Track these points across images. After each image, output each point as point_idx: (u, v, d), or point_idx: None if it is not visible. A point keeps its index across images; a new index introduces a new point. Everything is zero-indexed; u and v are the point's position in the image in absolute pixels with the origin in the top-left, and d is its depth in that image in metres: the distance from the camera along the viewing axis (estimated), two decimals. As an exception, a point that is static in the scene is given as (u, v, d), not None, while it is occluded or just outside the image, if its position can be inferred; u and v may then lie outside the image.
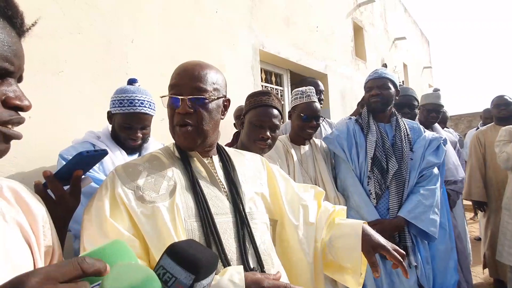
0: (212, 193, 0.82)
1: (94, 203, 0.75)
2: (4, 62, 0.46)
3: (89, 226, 0.72)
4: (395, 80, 1.77)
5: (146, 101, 1.39)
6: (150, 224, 0.72)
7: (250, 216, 0.84)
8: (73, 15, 1.69)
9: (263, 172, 1.00)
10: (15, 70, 0.48)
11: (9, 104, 0.47)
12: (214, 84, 0.84)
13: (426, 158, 1.69)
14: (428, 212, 1.58)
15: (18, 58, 0.49)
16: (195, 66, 0.84)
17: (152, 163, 0.84)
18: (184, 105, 0.79)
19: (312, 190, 1.08)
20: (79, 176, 0.72)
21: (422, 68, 9.38)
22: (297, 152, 1.66)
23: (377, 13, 6.25)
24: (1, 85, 0.47)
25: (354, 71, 5.11)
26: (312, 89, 1.67)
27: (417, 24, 9.22)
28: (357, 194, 1.64)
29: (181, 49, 2.33)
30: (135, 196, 0.75)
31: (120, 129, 1.38)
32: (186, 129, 0.81)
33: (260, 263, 0.79)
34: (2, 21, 0.47)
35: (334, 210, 1.01)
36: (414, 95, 2.38)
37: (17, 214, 0.54)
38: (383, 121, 1.79)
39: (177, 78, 0.83)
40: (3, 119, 0.46)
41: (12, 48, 0.47)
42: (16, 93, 0.48)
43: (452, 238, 1.80)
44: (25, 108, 0.49)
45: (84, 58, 1.77)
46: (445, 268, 1.70)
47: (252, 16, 3.12)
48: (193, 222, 0.76)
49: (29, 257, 0.53)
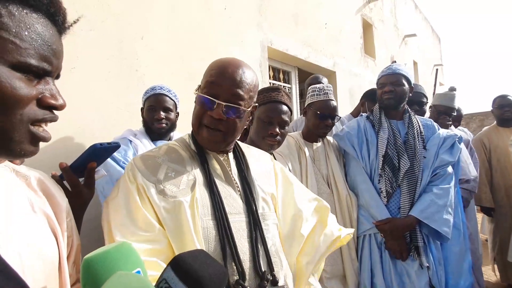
0: (226, 192, 0.82)
1: (120, 193, 0.75)
2: (42, 62, 0.46)
3: (116, 216, 0.72)
4: (409, 77, 1.73)
5: (165, 87, 1.58)
6: (171, 219, 0.72)
7: (263, 217, 0.84)
8: (85, 12, 1.70)
9: (272, 171, 0.99)
10: (53, 69, 0.48)
11: (44, 103, 0.47)
12: (251, 92, 0.81)
13: (440, 156, 1.65)
14: (442, 212, 1.54)
15: (57, 57, 0.49)
16: (237, 68, 0.80)
17: (171, 156, 0.82)
18: (219, 110, 0.76)
19: (315, 202, 1.01)
20: (93, 168, 0.73)
21: (433, 65, 9.21)
22: (309, 149, 1.64)
23: (387, 9, 6.15)
24: (39, 84, 0.47)
25: (363, 68, 5.05)
26: (330, 87, 1.64)
27: (428, 21, 9.05)
28: (367, 192, 1.61)
29: (190, 46, 2.33)
30: (157, 190, 0.74)
31: (147, 114, 1.56)
32: (214, 133, 0.79)
33: (271, 265, 0.79)
34: (44, 18, 0.47)
35: (339, 236, 0.93)
36: (423, 91, 2.32)
37: (44, 205, 0.55)
38: (396, 118, 1.75)
39: (215, 77, 0.79)
40: (37, 118, 0.46)
41: (52, 47, 0.47)
42: (52, 91, 0.48)
43: (466, 239, 1.76)
44: (59, 107, 0.49)
45: (96, 55, 1.78)
46: (459, 270, 1.66)
47: (261, 13, 3.10)
48: (209, 221, 0.75)
49: (55, 247, 0.53)
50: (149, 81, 1.91)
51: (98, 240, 1.75)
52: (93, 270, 0.43)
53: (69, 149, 1.60)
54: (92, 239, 1.17)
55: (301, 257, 0.91)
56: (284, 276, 0.82)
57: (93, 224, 1.07)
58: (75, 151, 1.63)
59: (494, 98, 2.85)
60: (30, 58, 0.44)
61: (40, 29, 0.46)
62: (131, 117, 1.89)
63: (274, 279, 0.78)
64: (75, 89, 1.68)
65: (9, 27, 0.43)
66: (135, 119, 1.81)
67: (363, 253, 1.58)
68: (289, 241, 0.90)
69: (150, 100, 1.55)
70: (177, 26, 2.27)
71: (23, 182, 0.54)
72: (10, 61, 0.42)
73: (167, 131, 1.57)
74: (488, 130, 2.90)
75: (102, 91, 1.80)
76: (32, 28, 0.45)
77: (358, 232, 1.60)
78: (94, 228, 1.56)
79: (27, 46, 0.44)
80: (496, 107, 2.81)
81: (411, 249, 1.55)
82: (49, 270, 0.50)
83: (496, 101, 2.81)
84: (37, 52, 0.45)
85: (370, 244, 1.58)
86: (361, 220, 1.61)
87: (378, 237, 1.59)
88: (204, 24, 2.50)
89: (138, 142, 1.49)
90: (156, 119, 1.52)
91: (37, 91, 0.46)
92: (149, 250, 0.69)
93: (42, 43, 0.46)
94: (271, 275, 0.77)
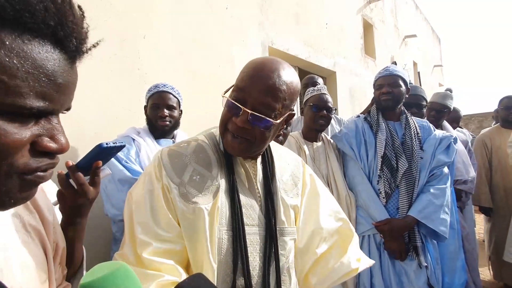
0: (247, 202, 0.78)
1: (146, 189, 0.74)
2: (39, 101, 0.35)
3: (139, 211, 0.72)
4: (406, 78, 1.75)
5: (169, 85, 1.59)
6: (189, 224, 0.71)
7: (280, 233, 0.79)
8: (88, 10, 1.71)
9: (300, 179, 0.91)
10: (56, 107, 0.38)
11: (39, 148, 0.38)
12: (286, 100, 0.71)
13: (437, 157, 1.67)
14: (439, 212, 1.56)
15: (62, 92, 0.38)
16: (272, 72, 0.70)
17: (198, 156, 0.78)
18: (245, 119, 0.69)
19: (340, 223, 0.92)
20: (99, 167, 0.74)
21: (433, 66, 9.22)
22: (309, 148, 1.67)
23: (388, 9, 6.16)
24: (37, 124, 0.37)
25: (363, 68, 5.06)
26: (323, 85, 1.73)
27: (428, 21, 9.05)
28: (365, 193, 1.63)
29: (192, 45, 2.35)
30: (179, 192, 0.73)
31: (150, 112, 1.56)
32: (239, 141, 0.73)
33: (279, 283, 0.76)
34: (50, 45, 0.36)
35: (356, 269, 0.87)
36: (423, 94, 2.30)
37: (34, 220, 0.52)
38: (393, 119, 1.77)
39: (245, 81, 0.70)
40: (29, 169, 0.37)
41: (56, 81, 0.37)
42: (52, 132, 0.38)
43: (459, 237, 1.78)
44: (57, 151, 0.39)
45: (98, 53, 1.79)
46: (454, 268, 1.69)
47: (262, 12, 3.11)
48: (225, 231, 0.74)
49: (45, 265, 0.52)
50: (151, 80, 1.92)
51: (99, 237, 1.78)
52: None
53: (71, 147, 1.62)
54: (94, 236, 1.19)
55: (310, 275, 0.87)
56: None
57: (94, 222, 1.09)
58: (77, 149, 1.65)
59: (500, 99, 2.80)
60: (22, 98, 0.34)
61: (40, 60, 0.35)
62: (133, 116, 1.90)
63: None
64: (77, 87, 1.69)
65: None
66: (137, 117, 1.83)
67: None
68: (302, 255, 0.86)
69: (154, 98, 1.55)
70: (179, 25, 2.28)
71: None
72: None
73: (170, 129, 1.58)
74: (490, 130, 2.89)
75: (104, 90, 1.82)
76: (28, 59, 0.34)
77: (356, 232, 1.62)
78: (95, 227, 1.58)
79: (18, 84, 0.33)
80: (503, 108, 2.76)
81: (410, 249, 1.57)
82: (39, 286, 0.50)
83: (503, 102, 2.76)
84: (32, 90, 0.35)
85: (369, 244, 1.60)
86: (360, 221, 1.63)
87: (377, 237, 1.61)
88: (206, 23, 2.51)
89: (141, 141, 1.50)
90: (159, 116, 1.52)
91: (32, 133, 0.36)
92: (168, 250, 0.70)
93: (42, 77, 0.35)
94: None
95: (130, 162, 1.44)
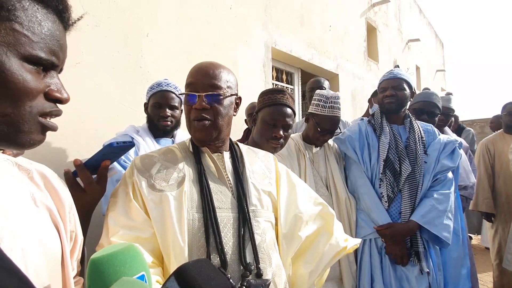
0: (217, 188, 0.86)
1: (120, 188, 0.84)
2: (52, 56, 0.48)
3: (114, 207, 0.80)
4: (410, 81, 1.74)
5: (172, 84, 1.56)
6: (157, 210, 0.78)
7: (254, 214, 0.86)
8: (91, 7, 1.70)
9: (273, 171, 1.00)
10: (60, 63, 0.50)
11: (50, 97, 0.49)
12: (228, 82, 0.88)
13: (441, 162, 1.65)
14: (442, 217, 1.54)
15: (63, 52, 0.51)
16: (209, 65, 0.88)
17: (167, 156, 0.89)
18: (201, 101, 0.84)
19: (320, 207, 1.01)
20: (107, 166, 0.74)
21: (435, 71, 9.21)
22: (309, 151, 1.64)
23: (392, 13, 6.15)
24: (45, 77, 0.48)
25: (366, 71, 5.05)
26: (337, 98, 1.55)
27: (432, 26, 9.05)
28: (368, 196, 1.61)
29: (196, 44, 2.34)
30: (147, 184, 0.81)
31: (152, 111, 1.53)
32: (203, 123, 0.85)
33: (257, 260, 0.81)
34: (53, 15, 0.49)
35: (345, 248, 0.95)
36: (436, 102, 2.14)
37: (46, 199, 0.55)
38: (397, 123, 1.75)
39: (192, 77, 0.87)
40: (44, 111, 0.48)
41: (60, 42, 0.49)
42: (57, 85, 0.50)
43: (465, 244, 1.75)
44: (64, 101, 0.51)
45: (101, 50, 1.78)
46: (458, 276, 1.65)
47: (266, 13, 3.10)
48: (195, 213, 0.79)
49: (57, 241, 0.53)
50: (153, 78, 1.91)
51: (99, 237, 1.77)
52: (99, 271, 0.44)
53: (72, 144, 1.60)
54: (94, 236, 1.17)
55: (303, 265, 0.92)
56: (272, 274, 0.83)
57: (94, 222, 1.08)
58: (78, 145, 1.63)
59: (504, 104, 2.79)
60: (41, 51, 0.46)
61: (50, 24, 0.48)
62: (134, 113, 1.89)
63: (259, 271, 0.79)
64: (80, 84, 1.68)
65: (22, 20, 0.44)
66: (139, 115, 1.81)
67: (363, 257, 1.57)
68: (287, 241, 0.92)
69: (156, 97, 1.52)
70: (182, 24, 2.27)
71: (26, 176, 0.54)
72: (22, 54, 0.44)
73: (171, 128, 1.55)
74: (494, 136, 2.87)
75: (106, 87, 1.80)
76: (43, 22, 0.47)
77: (357, 236, 1.59)
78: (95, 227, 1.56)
79: (38, 40, 0.46)
80: (506, 114, 2.74)
81: (412, 254, 1.55)
82: (52, 266, 0.50)
83: (507, 107, 2.75)
84: (47, 46, 0.47)
85: (370, 248, 1.58)
86: (362, 225, 1.60)
87: (378, 242, 1.58)
88: (210, 22, 2.50)
89: (140, 140, 1.48)
90: (162, 116, 1.50)
91: (44, 84, 0.48)
92: (135, 237, 0.76)
93: (52, 37, 0.48)
94: (256, 267, 0.79)
95: (128, 161, 1.41)
